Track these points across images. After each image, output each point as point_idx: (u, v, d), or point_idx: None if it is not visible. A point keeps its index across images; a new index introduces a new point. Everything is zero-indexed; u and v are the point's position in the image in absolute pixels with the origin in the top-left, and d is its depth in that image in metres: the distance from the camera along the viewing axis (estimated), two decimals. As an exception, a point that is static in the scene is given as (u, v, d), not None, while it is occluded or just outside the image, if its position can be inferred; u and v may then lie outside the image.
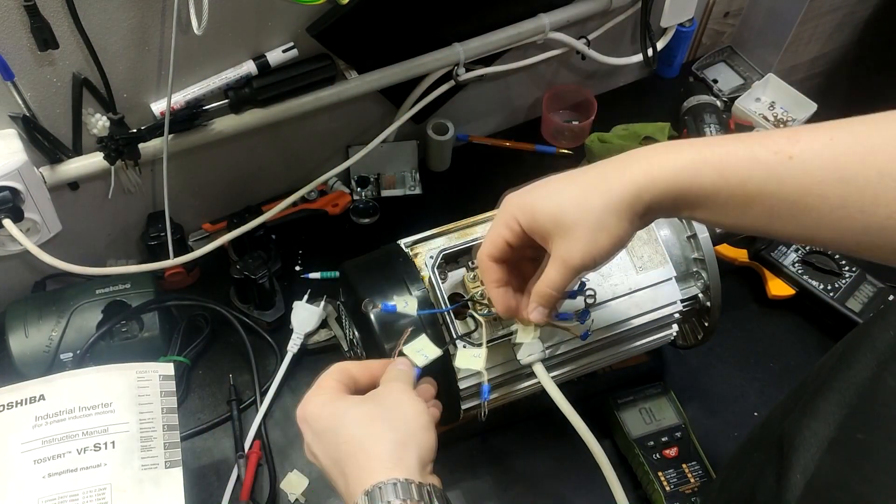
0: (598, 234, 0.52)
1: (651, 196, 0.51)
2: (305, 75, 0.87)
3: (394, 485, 0.48)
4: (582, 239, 0.53)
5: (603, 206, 0.52)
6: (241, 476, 0.81)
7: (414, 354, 0.62)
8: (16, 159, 0.75)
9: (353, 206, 1.04)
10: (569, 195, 0.54)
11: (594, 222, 0.52)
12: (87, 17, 0.71)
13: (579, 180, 0.54)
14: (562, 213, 0.53)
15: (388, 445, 0.51)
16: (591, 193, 0.53)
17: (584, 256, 0.53)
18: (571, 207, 0.53)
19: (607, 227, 0.52)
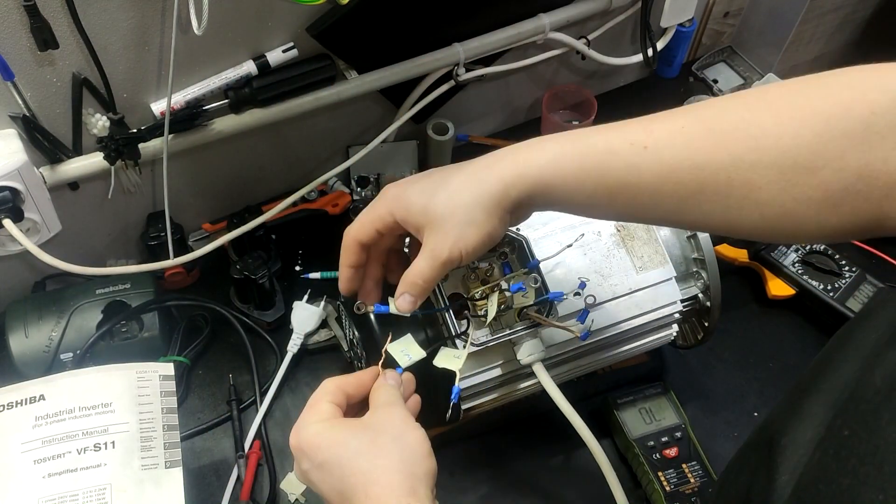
0: (467, 229, 0.54)
1: (518, 192, 0.53)
2: (305, 75, 0.87)
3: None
4: (451, 233, 0.54)
5: (472, 202, 0.54)
6: (241, 476, 0.81)
7: (398, 353, 0.63)
8: (16, 159, 0.75)
9: (353, 206, 1.04)
10: (441, 190, 0.55)
11: (463, 217, 0.54)
12: (87, 17, 0.71)
13: (454, 177, 0.56)
14: (433, 206, 0.55)
15: (400, 477, 0.50)
16: (462, 189, 0.54)
17: (452, 249, 0.55)
18: (443, 202, 0.55)
19: (476, 222, 0.54)
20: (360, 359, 0.74)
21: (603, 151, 0.52)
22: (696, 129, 0.50)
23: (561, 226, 0.74)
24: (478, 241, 0.55)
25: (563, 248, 0.70)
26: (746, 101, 0.50)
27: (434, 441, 0.81)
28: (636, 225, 0.75)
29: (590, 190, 0.52)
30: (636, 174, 0.51)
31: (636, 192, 0.51)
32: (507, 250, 0.72)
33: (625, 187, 0.51)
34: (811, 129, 0.47)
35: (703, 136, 0.49)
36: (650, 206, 0.52)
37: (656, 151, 0.50)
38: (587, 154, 0.52)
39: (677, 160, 0.50)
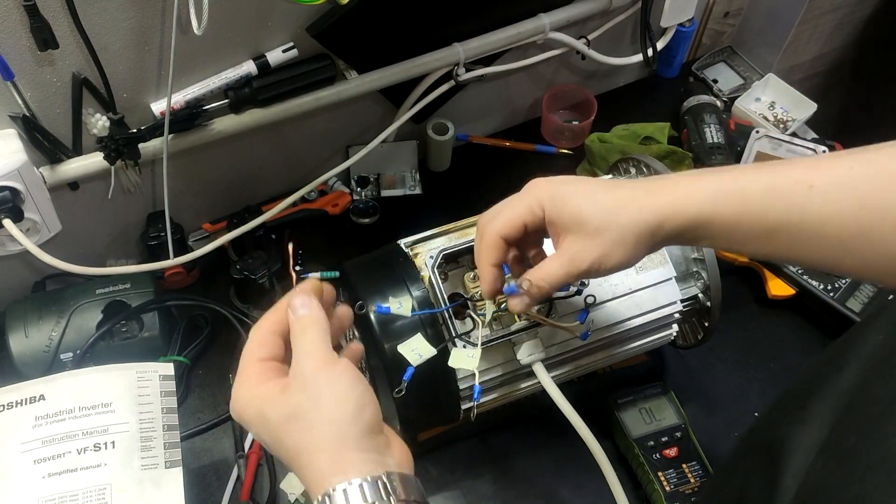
0: (615, 248, 0.54)
1: (673, 226, 0.52)
2: (305, 75, 0.87)
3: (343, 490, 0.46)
4: (599, 247, 0.54)
5: (629, 224, 0.53)
6: (241, 476, 0.81)
7: (409, 353, 0.62)
8: (16, 159, 0.75)
9: (353, 206, 1.04)
10: (601, 202, 0.54)
11: (616, 236, 0.53)
12: (87, 17, 0.71)
13: (612, 192, 0.55)
14: (589, 215, 0.54)
15: (327, 453, 0.47)
16: (622, 209, 0.54)
17: (593, 263, 0.54)
18: (600, 214, 0.54)
19: (625, 244, 0.53)
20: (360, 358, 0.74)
21: (765, 189, 0.50)
22: (865, 171, 0.48)
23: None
24: (618, 263, 0.54)
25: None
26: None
27: (435, 441, 0.82)
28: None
29: (746, 229, 0.51)
30: (798, 214, 0.49)
31: (796, 233, 0.49)
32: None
33: (785, 227, 0.49)
34: None
35: (873, 178, 0.47)
36: (809, 249, 0.49)
37: (822, 192, 0.48)
38: (748, 191, 0.50)
39: (844, 201, 0.48)
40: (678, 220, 0.52)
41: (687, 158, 1.05)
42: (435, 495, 0.81)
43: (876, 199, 0.47)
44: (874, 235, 0.47)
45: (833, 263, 0.50)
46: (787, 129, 1.12)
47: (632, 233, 0.53)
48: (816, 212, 0.48)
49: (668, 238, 0.53)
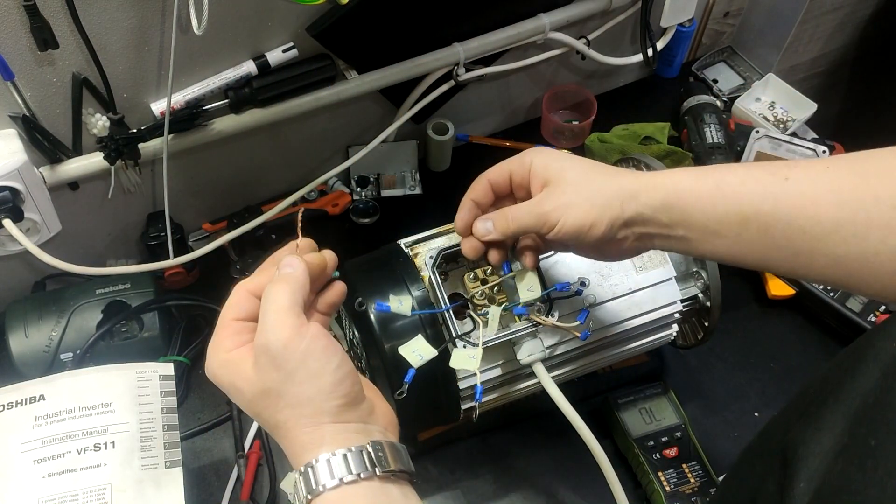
0: (581, 202, 0.55)
1: (648, 198, 0.53)
2: (305, 75, 0.87)
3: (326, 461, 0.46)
4: (565, 195, 0.56)
5: (602, 184, 0.55)
6: (241, 476, 0.81)
7: (410, 354, 0.62)
8: (16, 159, 0.75)
9: (353, 206, 1.04)
10: (585, 167, 0.57)
11: (584, 191, 0.55)
12: (87, 17, 0.71)
13: (599, 165, 0.58)
14: (568, 170, 0.57)
15: (307, 428, 0.47)
16: (599, 173, 0.56)
17: (554, 209, 0.56)
18: (580, 173, 0.56)
19: (591, 202, 0.55)
20: (360, 358, 0.74)
21: (742, 177, 0.51)
22: (841, 169, 0.48)
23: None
24: (579, 221, 0.55)
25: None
26: None
27: (435, 441, 0.82)
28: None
29: (721, 213, 0.51)
30: (772, 202, 0.49)
31: (770, 223, 0.49)
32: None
33: (758, 215, 0.50)
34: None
35: (848, 175, 0.48)
36: (781, 242, 0.49)
37: (797, 183, 0.49)
38: (725, 178, 0.51)
39: (818, 194, 0.48)
40: (653, 194, 0.53)
41: (687, 158, 1.05)
42: (435, 495, 0.81)
43: (850, 194, 0.47)
44: (847, 231, 0.47)
45: (806, 262, 0.49)
46: (787, 129, 1.12)
47: (602, 193, 0.55)
48: (791, 202, 0.49)
49: (641, 213, 0.54)
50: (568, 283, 0.67)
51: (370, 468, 0.46)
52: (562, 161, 0.58)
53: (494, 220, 0.60)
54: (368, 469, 0.46)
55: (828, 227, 0.47)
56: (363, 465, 0.46)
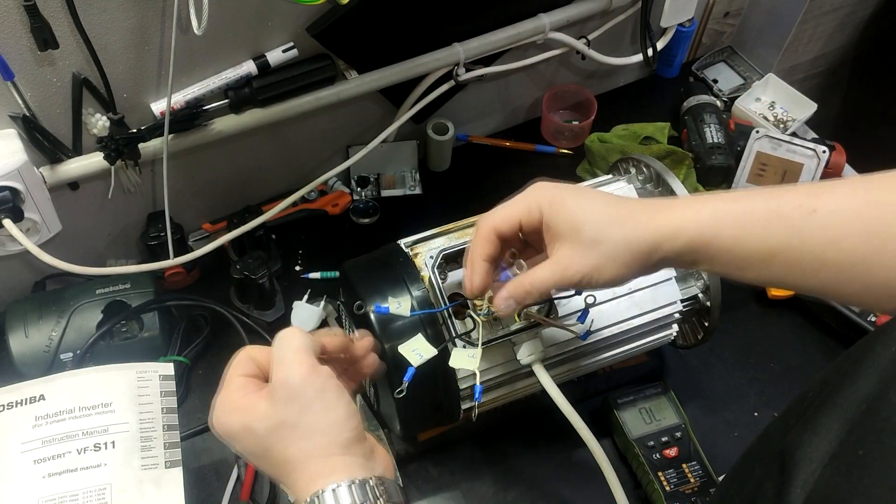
0: (608, 263, 0.53)
1: (671, 247, 0.52)
2: (305, 75, 0.87)
3: (332, 490, 0.48)
4: (592, 259, 0.53)
5: (625, 240, 0.52)
6: (241, 476, 0.81)
7: (410, 353, 0.62)
8: (16, 159, 0.75)
9: (353, 206, 1.04)
10: (600, 214, 0.54)
11: (611, 251, 0.53)
12: (87, 17, 0.71)
13: (612, 206, 0.54)
14: (585, 224, 0.53)
15: (318, 459, 0.49)
16: (620, 224, 0.53)
17: (585, 276, 0.53)
18: (598, 226, 0.53)
19: (618, 260, 0.53)
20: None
21: (766, 212, 0.49)
22: (867, 198, 0.47)
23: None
24: (610, 280, 0.53)
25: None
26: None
27: (435, 441, 0.82)
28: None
29: (747, 251, 0.50)
30: (799, 238, 0.48)
31: (797, 257, 0.49)
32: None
33: (785, 251, 0.49)
34: None
35: (876, 203, 0.47)
36: (809, 274, 0.49)
37: (824, 217, 0.48)
38: (749, 214, 0.50)
39: (845, 227, 0.47)
40: (677, 241, 0.51)
41: (687, 158, 1.05)
42: (435, 495, 0.81)
43: (878, 226, 0.46)
44: (875, 263, 0.46)
45: (833, 291, 0.49)
46: (787, 129, 1.12)
47: (627, 250, 0.52)
48: (818, 236, 0.48)
49: (666, 259, 0.53)
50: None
51: (373, 500, 0.48)
52: (574, 209, 0.54)
53: (514, 295, 0.57)
54: (371, 500, 0.48)
55: (855, 259, 0.47)
56: (367, 496, 0.48)
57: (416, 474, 0.81)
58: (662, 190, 0.79)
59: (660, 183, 0.79)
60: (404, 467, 0.81)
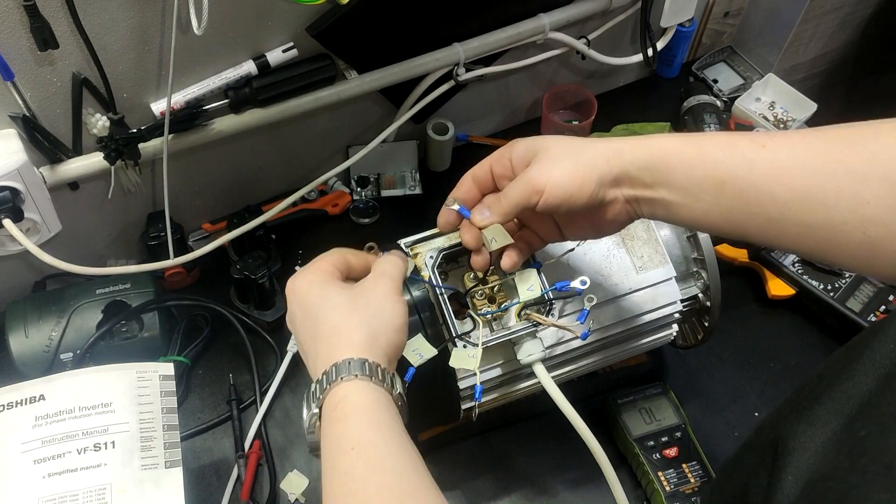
0: (567, 164, 0.56)
1: (631, 156, 0.55)
2: (305, 75, 0.87)
3: (363, 363, 0.53)
4: (554, 168, 0.56)
5: (585, 147, 0.56)
6: (241, 476, 0.81)
7: (409, 354, 0.62)
8: (16, 159, 0.75)
9: (353, 206, 1.04)
10: (563, 138, 0.58)
11: (569, 153, 0.56)
12: (87, 17, 0.71)
13: (581, 138, 0.59)
14: (549, 146, 0.57)
15: (361, 335, 0.55)
16: (582, 142, 0.57)
17: (540, 173, 0.56)
18: (561, 145, 0.57)
19: (577, 161, 0.56)
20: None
21: (722, 143, 0.53)
22: (816, 140, 0.50)
23: (561, 226, 0.74)
24: (569, 183, 0.55)
25: (565, 252, 0.71)
26: (873, 123, 0.50)
27: (435, 441, 0.82)
28: (636, 225, 0.75)
29: (700, 175, 0.53)
30: (748, 168, 0.51)
31: (744, 188, 0.51)
32: (507, 250, 0.72)
33: (734, 180, 0.51)
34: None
35: (822, 146, 0.49)
36: (755, 209, 0.51)
37: (773, 151, 0.51)
38: (706, 143, 0.53)
39: (791, 162, 0.50)
40: (636, 152, 0.55)
41: (687, 158, 1.05)
42: (435, 495, 0.81)
43: (820, 164, 0.48)
44: (815, 200, 0.48)
45: (778, 230, 0.51)
46: (788, 129, 1.12)
47: (587, 153, 0.56)
48: (765, 169, 0.50)
49: (626, 171, 0.55)
50: (568, 283, 0.67)
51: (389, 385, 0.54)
52: (543, 140, 0.59)
53: (489, 205, 0.61)
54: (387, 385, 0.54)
55: (798, 195, 0.49)
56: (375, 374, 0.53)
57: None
58: (662, 190, 0.79)
59: (660, 183, 0.79)
60: (404, 467, 0.81)
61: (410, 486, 0.49)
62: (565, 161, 0.56)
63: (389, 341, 0.56)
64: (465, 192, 0.63)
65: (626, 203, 0.57)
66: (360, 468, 0.49)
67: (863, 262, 0.49)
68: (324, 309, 0.57)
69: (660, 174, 0.54)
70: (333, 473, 0.50)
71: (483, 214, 0.61)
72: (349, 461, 0.49)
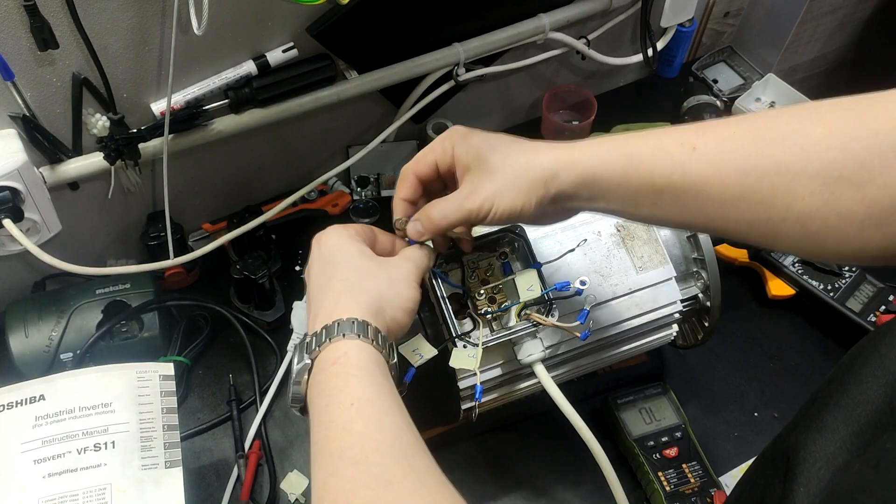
0: (508, 189, 0.55)
1: (567, 176, 0.54)
2: (305, 75, 0.87)
3: (366, 325, 0.52)
4: (493, 184, 0.55)
5: (523, 168, 0.55)
6: (241, 476, 0.81)
7: (409, 354, 0.62)
8: (16, 159, 0.75)
9: (353, 206, 1.04)
10: (504, 146, 0.57)
11: (511, 176, 0.55)
12: (87, 17, 0.71)
13: (517, 142, 0.57)
14: (489, 154, 0.56)
15: (371, 300, 0.54)
16: (519, 155, 0.56)
17: (484, 203, 0.56)
18: (499, 155, 0.56)
19: (518, 188, 0.55)
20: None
21: (652, 148, 0.52)
22: (745, 136, 0.49)
23: (561, 226, 0.74)
24: (510, 208, 0.55)
25: (565, 252, 0.71)
26: (799, 112, 0.49)
27: (434, 440, 0.81)
28: (636, 225, 0.75)
29: (635, 186, 0.52)
30: (681, 174, 0.50)
31: (681, 193, 0.51)
32: (507, 250, 0.72)
33: (669, 186, 0.51)
34: (860, 143, 0.46)
35: (752, 142, 0.49)
36: (694, 210, 0.51)
37: (705, 153, 0.50)
38: (635, 151, 0.53)
39: (723, 163, 0.49)
40: (571, 170, 0.54)
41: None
42: (435, 495, 0.81)
43: (752, 163, 0.48)
44: (753, 200, 0.48)
45: (722, 227, 0.51)
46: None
47: (526, 176, 0.55)
48: (699, 173, 0.50)
49: (564, 192, 0.55)
50: (568, 283, 0.67)
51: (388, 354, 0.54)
52: (480, 142, 0.57)
53: (422, 221, 0.60)
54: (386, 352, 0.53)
55: (735, 195, 0.49)
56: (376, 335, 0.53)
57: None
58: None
59: (660, 183, 0.79)
60: (404, 467, 0.81)
61: (409, 446, 0.48)
62: (507, 184, 0.55)
63: (395, 318, 0.55)
64: (412, 192, 0.62)
65: (566, 211, 0.58)
66: (359, 423, 0.48)
67: (806, 251, 0.49)
68: (343, 265, 0.57)
69: (596, 190, 0.54)
70: (329, 427, 0.49)
71: (416, 229, 0.61)
72: (348, 416, 0.49)
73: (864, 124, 0.46)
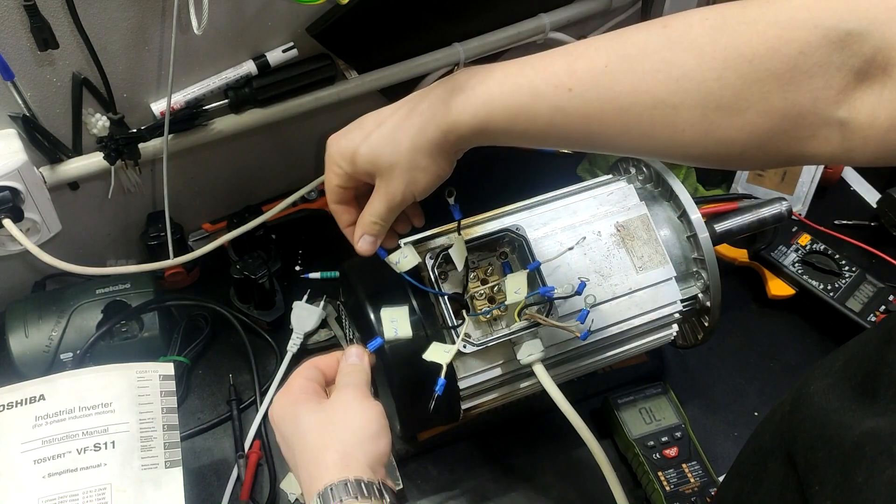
0: (415, 174, 0.57)
1: (456, 137, 0.55)
2: (305, 75, 0.87)
3: (344, 484, 0.52)
4: (400, 178, 0.57)
5: (414, 149, 0.56)
6: (241, 476, 0.81)
7: (387, 322, 0.63)
8: (16, 159, 0.75)
9: (353, 206, 1.04)
10: (381, 138, 0.57)
11: (409, 164, 0.56)
12: (87, 17, 0.71)
13: (389, 121, 0.58)
14: (378, 156, 0.57)
15: (335, 455, 0.54)
16: (402, 136, 0.56)
17: (405, 193, 0.58)
18: (386, 151, 0.57)
19: (421, 167, 0.57)
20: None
21: (529, 95, 0.52)
22: (619, 70, 0.49)
23: (561, 226, 0.74)
24: (427, 183, 0.58)
25: (564, 251, 0.71)
26: (670, 37, 0.48)
27: (434, 440, 0.82)
28: (636, 225, 0.75)
29: (522, 129, 0.53)
30: (563, 116, 0.51)
31: (567, 132, 0.52)
32: (507, 250, 0.72)
33: (554, 127, 0.52)
34: (735, 71, 0.46)
35: (627, 77, 0.49)
36: (583, 142, 0.53)
37: (581, 94, 0.50)
38: (514, 98, 0.53)
39: (601, 102, 0.50)
40: (458, 131, 0.55)
41: (687, 158, 1.05)
42: (435, 495, 0.81)
43: (631, 98, 0.49)
44: (634, 133, 0.50)
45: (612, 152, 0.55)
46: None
47: (421, 154, 0.56)
48: (579, 113, 0.51)
49: (461, 144, 0.56)
50: (552, 288, 0.68)
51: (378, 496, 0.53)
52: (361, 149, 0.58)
53: (368, 231, 0.62)
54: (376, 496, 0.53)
55: (618, 130, 0.50)
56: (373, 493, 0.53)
57: (416, 474, 0.81)
58: (662, 190, 0.79)
59: (660, 182, 0.79)
60: (404, 467, 0.81)
61: None
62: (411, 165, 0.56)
63: (367, 452, 0.55)
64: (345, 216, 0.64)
65: None
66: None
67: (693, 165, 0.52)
68: (297, 435, 0.57)
69: (492, 137, 0.55)
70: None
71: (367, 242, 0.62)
72: None
73: (737, 49, 0.46)
